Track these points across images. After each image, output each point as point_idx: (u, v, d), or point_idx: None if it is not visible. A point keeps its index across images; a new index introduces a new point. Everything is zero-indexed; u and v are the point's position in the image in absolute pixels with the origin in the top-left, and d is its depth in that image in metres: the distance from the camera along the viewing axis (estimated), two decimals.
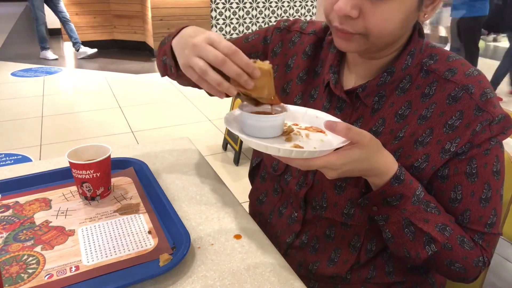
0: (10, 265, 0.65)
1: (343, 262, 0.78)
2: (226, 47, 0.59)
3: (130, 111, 3.54)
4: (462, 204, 0.68)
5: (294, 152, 0.56)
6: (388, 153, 0.64)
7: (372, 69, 0.73)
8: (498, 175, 0.68)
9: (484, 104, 0.65)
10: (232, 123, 0.65)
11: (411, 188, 0.65)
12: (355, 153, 0.58)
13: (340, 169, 0.59)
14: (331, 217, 0.75)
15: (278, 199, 0.87)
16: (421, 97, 0.69)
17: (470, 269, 0.68)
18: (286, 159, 0.58)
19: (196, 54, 0.60)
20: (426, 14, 0.66)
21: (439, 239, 0.65)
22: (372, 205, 0.67)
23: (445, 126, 0.66)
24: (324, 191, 0.74)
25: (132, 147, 1.09)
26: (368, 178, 0.66)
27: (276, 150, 0.57)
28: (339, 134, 0.58)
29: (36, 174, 0.90)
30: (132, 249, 0.69)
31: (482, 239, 0.69)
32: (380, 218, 0.68)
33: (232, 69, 0.58)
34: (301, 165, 0.59)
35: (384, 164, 0.63)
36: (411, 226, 0.66)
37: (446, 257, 0.67)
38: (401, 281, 0.79)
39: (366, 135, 0.59)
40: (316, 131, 0.67)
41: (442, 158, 0.67)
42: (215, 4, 5.57)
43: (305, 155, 0.57)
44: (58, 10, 5.10)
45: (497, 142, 0.67)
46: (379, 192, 0.65)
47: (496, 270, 1.76)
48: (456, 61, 0.69)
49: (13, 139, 2.94)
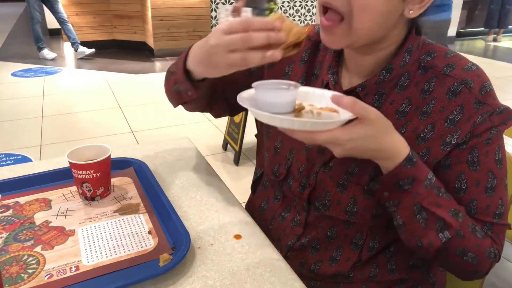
0: (10, 265, 0.65)
1: (345, 260, 0.78)
2: (239, 26, 0.59)
3: (130, 111, 3.54)
4: (468, 194, 0.67)
5: (296, 123, 0.56)
6: (399, 136, 0.63)
7: (369, 66, 0.73)
8: (500, 164, 0.67)
9: (483, 97, 0.65)
10: (244, 100, 0.64)
11: (423, 172, 0.64)
12: (361, 129, 0.58)
13: (345, 145, 0.59)
14: (334, 215, 0.75)
15: (278, 206, 0.87)
16: (421, 93, 0.69)
17: (482, 260, 0.66)
18: (290, 131, 0.57)
19: (224, 51, 0.60)
20: (411, 10, 0.65)
21: (453, 224, 0.64)
22: (383, 190, 0.66)
23: (446, 121, 0.67)
24: (327, 190, 0.74)
25: (132, 147, 1.09)
26: (378, 162, 0.65)
27: (279, 121, 0.56)
28: (344, 107, 0.57)
29: (36, 174, 0.90)
30: (132, 249, 0.69)
31: (491, 230, 0.68)
32: (391, 204, 0.66)
33: (259, 37, 0.57)
34: (305, 138, 0.58)
35: (394, 146, 0.62)
36: (423, 212, 0.64)
37: (459, 246, 0.65)
38: (403, 279, 0.79)
39: (372, 111, 0.58)
40: (330, 111, 0.65)
41: (443, 150, 0.67)
42: (215, 4, 5.57)
43: (307, 126, 0.56)
44: (55, 10, 5.10)
45: (497, 131, 0.67)
46: (391, 175, 0.63)
47: (496, 270, 1.76)
48: (454, 56, 0.70)
49: (13, 139, 2.94)
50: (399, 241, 0.71)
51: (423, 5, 0.65)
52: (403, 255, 0.78)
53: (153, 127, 3.24)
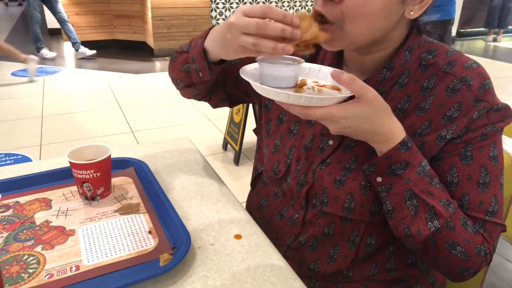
0: (11, 265, 0.65)
1: (342, 258, 0.78)
2: (259, 11, 0.59)
3: (130, 111, 3.54)
4: (460, 188, 0.67)
5: (291, 97, 0.56)
6: (396, 120, 0.63)
7: (369, 66, 0.73)
8: (495, 160, 0.67)
9: (482, 95, 0.65)
10: (247, 74, 0.64)
11: (417, 158, 0.64)
12: (357, 108, 0.58)
13: (340, 123, 0.59)
14: (332, 212, 0.75)
15: (278, 204, 0.87)
16: (420, 90, 0.69)
17: (471, 256, 0.65)
18: (286, 105, 0.58)
19: (239, 32, 0.60)
20: (412, 11, 0.65)
21: (443, 214, 0.63)
22: (376, 175, 0.66)
23: (443, 118, 0.67)
24: (324, 186, 0.74)
25: (132, 147, 1.09)
26: (373, 144, 0.65)
27: (275, 94, 0.57)
28: (343, 84, 0.57)
29: (36, 174, 0.90)
30: (133, 249, 0.69)
31: (483, 228, 0.67)
32: (382, 189, 0.66)
33: (275, 27, 0.57)
34: (301, 113, 0.58)
35: (390, 130, 0.62)
36: (414, 199, 0.64)
37: (448, 238, 0.64)
38: (402, 278, 0.79)
39: (370, 90, 0.58)
40: (333, 89, 0.65)
41: (438, 145, 0.67)
42: (215, 4, 5.57)
43: (302, 101, 0.56)
44: (55, 10, 5.10)
45: (494, 128, 0.66)
46: (384, 157, 0.63)
47: (496, 270, 1.76)
48: (455, 54, 0.70)
49: (13, 139, 2.94)
50: (399, 240, 0.71)
51: (424, 5, 0.65)
52: (403, 254, 0.78)
53: (153, 127, 3.24)
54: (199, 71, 0.75)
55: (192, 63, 0.76)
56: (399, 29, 0.69)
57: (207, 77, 0.76)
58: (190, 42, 0.78)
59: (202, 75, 0.76)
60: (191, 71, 0.77)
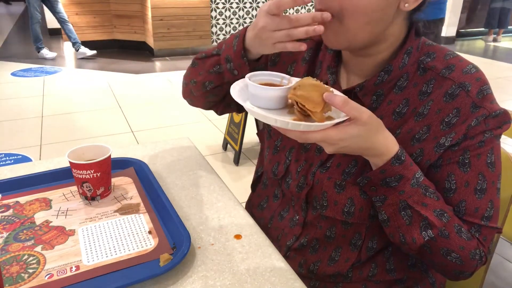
0: (11, 265, 0.66)
1: (344, 261, 0.78)
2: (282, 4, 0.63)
3: (130, 111, 3.54)
4: (457, 195, 0.68)
5: (290, 124, 0.56)
6: (389, 134, 0.64)
7: (368, 68, 0.73)
8: (493, 167, 0.67)
9: (480, 101, 0.65)
10: (237, 92, 0.64)
11: (411, 170, 0.64)
12: (354, 129, 0.58)
13: (337, 144, 0.59)
14: (331, 216, 0.75)
15: (278, 205, 0.87)
16: (419, 94, 0.69)
17: (466, 261, 0.67)
18: (284, 130, 0.58)
19: (271, 30, 0.65)
20: (407, 3, 0.65)
21: (436, 224, 0.65)
22: (370, 186, 0.67)
23: (442, 123, 0.67)
24: (325, 190, 0.74)
25: (132, 147, 1.09)
26: (368, 158, 0.66)
27: (273, 121, 0.57)
28: (336, 106, 0.58)
29: (36, 174, 0.90)
30: (133, 249, 0.69)
31: (479, 232, 0.68)
32: (377, 199, 0.67)
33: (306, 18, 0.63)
34: (299, 137, 0.59)
35: (385, 144, 0.63)
36: (408, 210, 0.65)
37: (443, 245, 0.66)
38: (402, 279, 0.79)
39: (364, 112, 0.58)
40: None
41: (436, 152, 0.67)
42: (215, 4, 5.57)
43: (301, 128, 0.57)
44: (55, 10, 5.10)
45: (491, 134, 0.67)
46: (379, 171, 0.64)
47: (496, 270, 1.76)
48: (454, 58, 0.70)
49: (13, 139, 2.94)
50: None
51: None
52: (402, 255, 0.78)
53: (153, 127, 3.24)
54: (234, 69, 0.77)
55: (226, 63, 0.77)
56: (397, 24, 0.69)
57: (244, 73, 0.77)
58: (220, 46, 0.80)
59: (238, 72, 0.77)
60: (224, 71, 0.79)
